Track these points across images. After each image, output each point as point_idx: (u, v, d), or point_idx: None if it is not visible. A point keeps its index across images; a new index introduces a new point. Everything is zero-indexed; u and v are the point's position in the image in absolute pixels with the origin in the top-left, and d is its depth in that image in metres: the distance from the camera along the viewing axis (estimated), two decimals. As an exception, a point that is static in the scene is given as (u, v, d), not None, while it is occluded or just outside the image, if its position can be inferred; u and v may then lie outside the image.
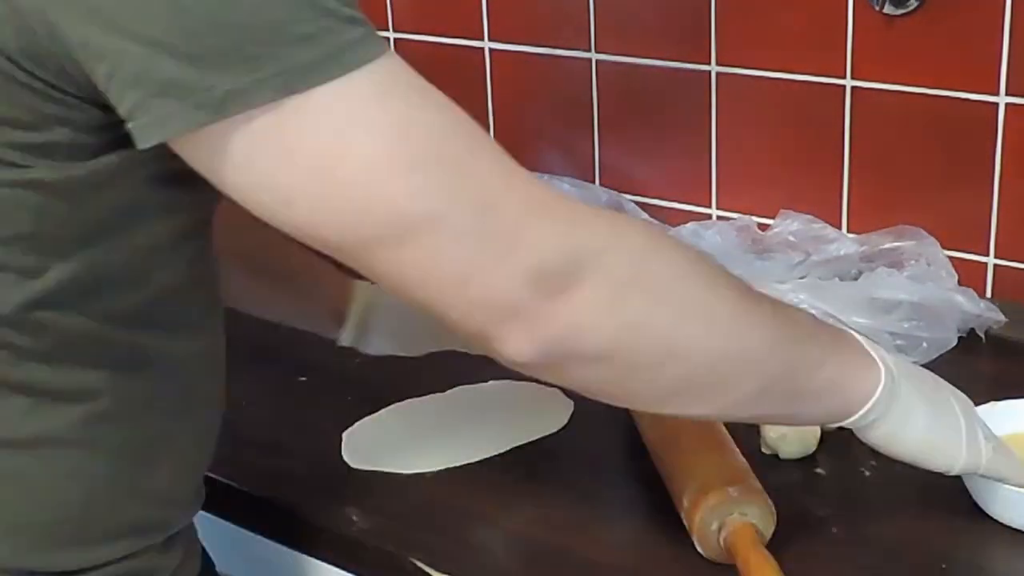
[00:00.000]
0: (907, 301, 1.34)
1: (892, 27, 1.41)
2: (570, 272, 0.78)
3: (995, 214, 1.41)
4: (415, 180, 0.74)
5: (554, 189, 0.81)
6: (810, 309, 1.34)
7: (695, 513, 1.01)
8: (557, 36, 1.67)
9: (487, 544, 1.08)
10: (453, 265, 0.76)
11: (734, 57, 1.53)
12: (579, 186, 1.68)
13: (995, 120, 1.37)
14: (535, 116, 1.74)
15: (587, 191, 1.68)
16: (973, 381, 1.30)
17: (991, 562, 1.04)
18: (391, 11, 1.82)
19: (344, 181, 0.73)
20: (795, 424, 1.06)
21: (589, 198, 1.63)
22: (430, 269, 0.77)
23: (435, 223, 0.75)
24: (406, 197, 0.74)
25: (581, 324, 0.79)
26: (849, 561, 1.02)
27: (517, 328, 0.78)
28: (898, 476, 1.13)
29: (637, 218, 0.81)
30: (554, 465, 1.18)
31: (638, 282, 0.81)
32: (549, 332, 0.79)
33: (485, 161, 0.78)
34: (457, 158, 0.76)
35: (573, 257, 0.78)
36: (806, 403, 0.92)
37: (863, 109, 1.46)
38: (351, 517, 1.11)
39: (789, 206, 1.54)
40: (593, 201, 1.62)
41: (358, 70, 0.73)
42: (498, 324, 0.78)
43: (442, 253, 0.76)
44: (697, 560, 1.03)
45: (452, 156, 0.76)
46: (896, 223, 1.47)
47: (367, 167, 0.73)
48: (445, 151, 0.76)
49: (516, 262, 0.77)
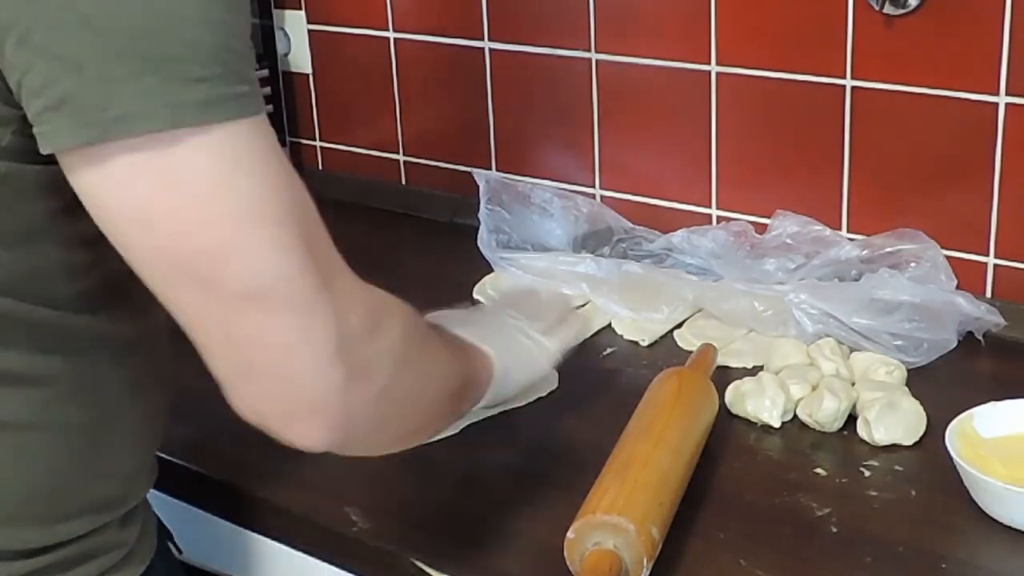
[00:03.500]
0: (908, 302, 1.34)
1: (892, 27, 1.41)
2: (369, 363, 0.82)
3: (995, 214, 1.41)
4: (276, 236, 0.76)
5: (365, 285, 0.85)
6: (810, 310, 1.35)
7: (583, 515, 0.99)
8: (557, 36, 1.67)
9: (487, 544, 1.08)
10: (282, 333, 0.78)
11: (734, 57, 1.53)
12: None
13: (995, 120, 1.37)
14: (535, 116, 1.74)
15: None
16: (973, 381, 1.31)
17: (991, 562, 1.04)
18: (391, 11, 1.82)
19: (208, 220, 0.75)
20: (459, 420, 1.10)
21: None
22: (259, 329, 0.77)
23: (280, 285, 0.77)
24: (261, 251, 0.76)
25: (375, 409, 0.83)
26: (849, 561, 1.02)
27: (319, 414, 0.80)
28: (898, 476, 1.14)
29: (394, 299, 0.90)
30: (554, 465, 1.18)
31: (408, 353, 0.88)
32: (346, 420, 0.81)
33: (326, 241, 0.81)
34: (312, 231, 0.79)
35: (373, 350, 0.82)
36: (465, 404, 1.04)
37: (863, 109, 1.46)
38: (351, 517, 1.12)
39: (789, 206, 1.54)
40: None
41: (244, 120, 0.76)
42: (302, 406, 0.80)
43: (276, 317, 0.77)
44: (697, 560, 1.03)
45: (308, 227, 0.79)
46: (896, 223, 1.47)
47: (235, 212, 0.75)
48: (304, 219, 0.79)
49: (336, 346, 0.79)
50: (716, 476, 1.15)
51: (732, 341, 1.38)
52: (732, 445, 1.20)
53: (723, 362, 1.34)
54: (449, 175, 1.84)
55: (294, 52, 1.95)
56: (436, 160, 1.86)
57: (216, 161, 0.75)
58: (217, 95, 0.75)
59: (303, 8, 1.92)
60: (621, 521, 0.97)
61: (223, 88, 0.75)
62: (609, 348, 1.41)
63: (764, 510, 1.10)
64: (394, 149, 1.90)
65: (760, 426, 1.22)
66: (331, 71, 1.94)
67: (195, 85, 0.74)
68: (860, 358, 1.29)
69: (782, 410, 1.21)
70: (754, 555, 1.03)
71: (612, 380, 1.35)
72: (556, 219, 1.64)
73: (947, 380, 1.29)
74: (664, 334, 1.42)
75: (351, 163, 1.95)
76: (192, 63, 0.74)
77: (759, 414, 1.22)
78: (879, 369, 1.26)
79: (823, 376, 1.25)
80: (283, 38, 1.94)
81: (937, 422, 1.16)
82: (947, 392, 1.25)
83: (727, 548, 1.05)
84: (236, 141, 0.76)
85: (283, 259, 0.77)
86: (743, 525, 1.08)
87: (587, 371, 1.37)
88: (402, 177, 1.90)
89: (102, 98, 0.73)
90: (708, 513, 1.10)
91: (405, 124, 1.88)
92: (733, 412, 1.24)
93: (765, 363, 1.32)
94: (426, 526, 1.10)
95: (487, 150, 1.79)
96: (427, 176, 1.87)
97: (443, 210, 1.79)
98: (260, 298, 0.77)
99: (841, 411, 1.20)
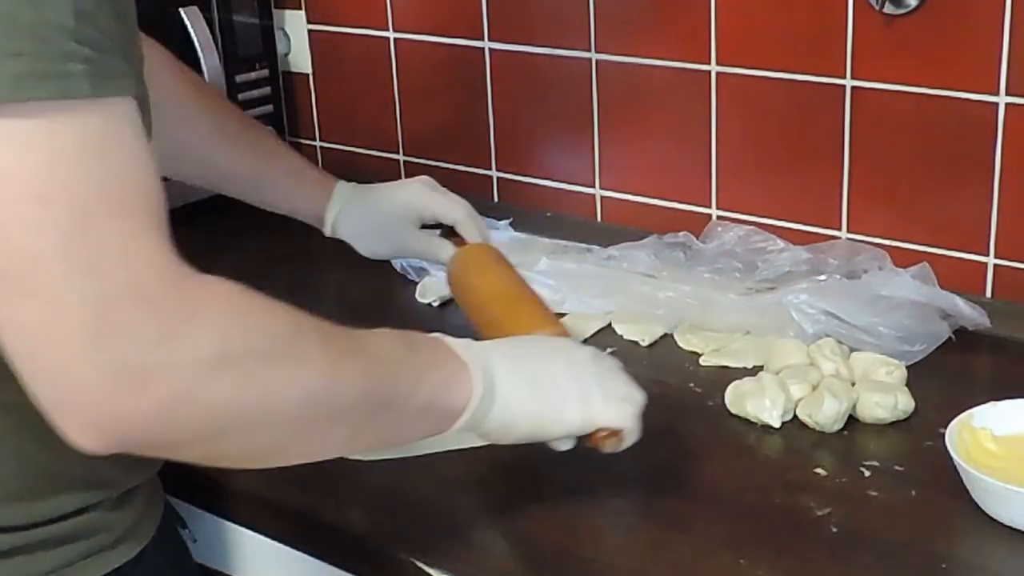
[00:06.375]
0: (907, 300, 1.34)
1: (892, 27, 1.41)
2: (150, 369, 0.75)
3: (995, 214, 1.41)
4: (39, 213, 0.73)
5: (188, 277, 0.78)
6: (808, 309, 1.35)
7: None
8: (557, 36, 1.67)
9: (487, 544, 1.08)
10: (27, 316, 0.74)
11: (734, 57, 1.53)
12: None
13: (995, 120, 1.37)
14: (535, 116, 1.74)
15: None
16: (974, 382, 1.31)
17: (991, 562, 1.03)
18: (391, 11, 1.82)
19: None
20: (396, 444, 1.04)
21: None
22: (10, 309, 0.74)
23: (30, 267, 0.73)
24: (20, 225, 0.73)
25: (157, 420, 0.77)
26: (849, 561, 1.02)
27: (87, 416, 0.76)
28: (898, 476, 1.13)
29: (230, 284, 0.82)
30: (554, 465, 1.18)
31: (223, 364, 0.79)
32: (116, 424, 0.76)
33: (119, 228, 0.75)
34: (92, 214, 0.74)
35: (159, 355, 0.76)
36: (403, 429, 0.96)
37: (863, 109, 1.46)
38: (351, 517, 1.12)
39: (789, 206, 1.54)
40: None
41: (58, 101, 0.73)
42: (64, 402, 0.76)
43: (24, 298, 0.74)
44: (697, 560, 1.03)
45: (90, 210, 0.74)
46: (895, 223, 1.47)
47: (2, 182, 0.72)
48: (87, 203, 0.74)
49: (93, 341, 0.74)
50: (716, 476, 1.15)
51: (732, 341, 1.38)
52: (732, 445, 1.20)
53: (723, 362, 1.34)
54: (449, 175, 1.84)
55: (294, 52, 1.95)
56: (436, 160, 1.86)
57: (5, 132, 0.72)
58: (35, 71, 0.72)
59: (303, 8, 1.92)
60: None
61: (42, 64, 0.73)
62: (609, 348, 1.40)
63: (764, 510, 1.10)
64: (394, 149, 1.90)
65: (760, 426, 1.22)
66: (331, 71, 1.94)
67: (7, 60, 0.72)
68: (860, 358, 1.29)
69: (782, 410, 1.21)
70: (754, 555, 1.03)
71: (612, 380, 1.35)
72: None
73: (946, 379, 1.29)
74: (664, 334, 1.42)
75: (351, 163, 1.95)
76: (7, 38, 0.72)
77: (759, 414, 1.22)
78: (879, 369, 1.26)
79: (823, 376, 1.25)
80: (283, 38, 1.94)
81: (937, 422, 1.16)
82: (947, 392, 1.25)
83: (727, 548, 1.04)
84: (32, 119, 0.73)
85: (36, 239, 0.73)
86: (743, 525, 1.08)
87: (587, 371, 1.37)
88: (402, 177, 1.90)
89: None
90: (708, 513, 1.09)
91: (405, 124, 1.88)
92: (733, 412, 1.24)
93: (765, 363, 1.32)
94: (426, 526, 1.10)
95: (487, 150, 1.79)
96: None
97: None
98: (10, 278, 0.73)
99: (841, 413, 1.20)
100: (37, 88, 0.73)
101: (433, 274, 1.56)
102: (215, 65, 1.74)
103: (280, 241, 1.73)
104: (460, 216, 1.42)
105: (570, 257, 1.56)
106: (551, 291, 1.49)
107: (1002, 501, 1.04)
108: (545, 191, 1.75)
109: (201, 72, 1.72)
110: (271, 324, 0.84)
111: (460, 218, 1.42)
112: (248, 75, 1.84)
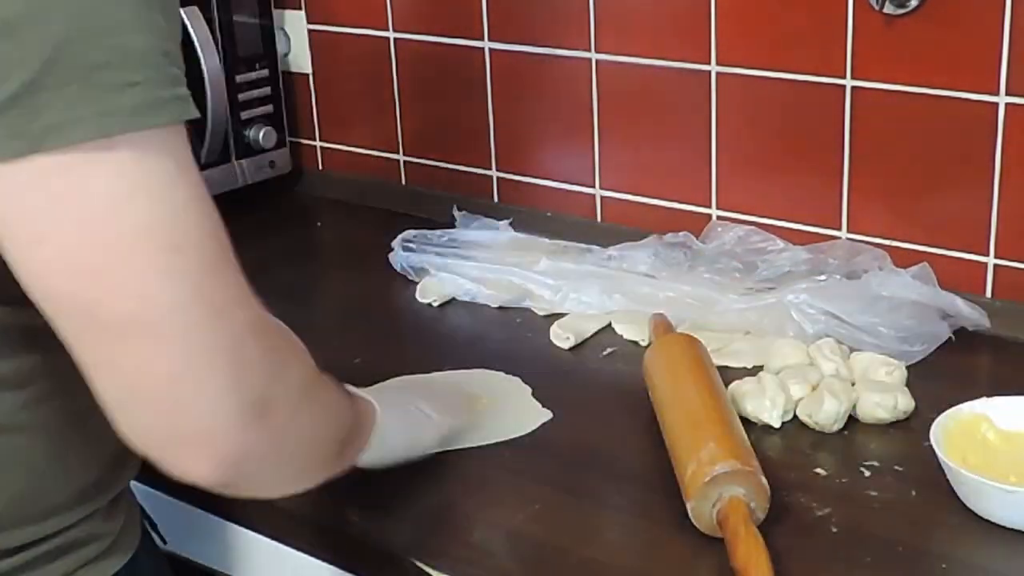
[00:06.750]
0: (907, 300, 1.34)
1: (892, 27, 1.41)
2: (268, 399, 0.80)
3: (995, 214, 1.41)
4: (169, 263, 0.74)
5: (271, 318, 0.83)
6: (808, 309, 1.35)
7: (695, 483, 1.03)
8: (557, 36, 1.67)
9: (487, 544, 1.08)
10: (167, 362, 0.75)
11: (734, 57, 1.53)
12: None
13: (995, 120, 1.37)
14: (535, 116, 1.74)
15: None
16: (972, 381, 1.31)
17: (991, 562, 1.03)
18: (391, 11, 1.82)
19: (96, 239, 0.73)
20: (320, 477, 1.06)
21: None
22: (142, 356, 0.75)
23: (166, 314, 0.74)
24: (148, 277, 0.74)
25: (270, 446, 0.82)
26: (849, 561, 1.02)
27: (213, 447, 0.78)
28: (898, 476, 1.13)
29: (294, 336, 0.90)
30: (554, 465, 1.18)
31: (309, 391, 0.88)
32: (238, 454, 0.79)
33: (232, 271, 0.79)
34: (213, 256, 0.77)
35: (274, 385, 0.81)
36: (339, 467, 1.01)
37: (863, 109, 1.46)
38: (351, 517, 1.12)
39: (789, 206, 1.54)
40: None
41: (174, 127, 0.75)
42: (189, 436, 0.78)
43: (162, 345, 0.75)
44: (697, 559, 1.03)
45: (209, 253, 0.77)
46: (895, 223, 1.47)
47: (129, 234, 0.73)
48: (205, 244, 0.76)
49: (230, 378, 0.77)
50: (716, 476, 1.15)
51: (732, 341, 1.38)
52: (732, 445, 1.20)
53: (723, 362, 1.34)
54: (449, 175, 1.84)
55: (294, 52, 1.95)
56: (436, 160, 1.86)
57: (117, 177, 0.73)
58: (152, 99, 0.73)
59: (303, 8, 1.92)
60: (727, 467, 1.03)
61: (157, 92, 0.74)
62: (609, 348, 1.41)
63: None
64: (394, 149, 1.90)
65: (760, 426, 1.22)
66: (331, 71, 1.94)
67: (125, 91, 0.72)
68: (860, 358, 1.29)
69: (782, 410, 1.21)
70: (754, 555, 1.03)
71: (612, 380, 1.35)
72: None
73: (945, 378, 1.29)
74: (664, 334, 1.42)
75: (351, 163, 1.95)
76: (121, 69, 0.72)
77: (759, 414, 1.22)
78: (879, 369, 1.26)
79: (823, 376, 1.25)
80: (283, 38, 1.94)
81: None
82: (947, 393, 1.25)
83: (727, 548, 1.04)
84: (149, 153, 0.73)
85: (173, 287, 0.74)
86: (743, 525, 1.08)
87: (587, 371, 1.37)
88: (402, 177, 1.90)
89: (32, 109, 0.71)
90: (708, 513, 1.09)
91: (405, 124, 1.88)
92: (733, 412, 1.24)
93: (765, 363, 1.32)
94: (426, 526, 1.10)
95: (487, 150, 1.79)
96: (427, 176, 1.87)
97: (443, 210, 1.79)
98: (145, 325, 0.74)
99: (841, 413, 1.20)
100: (156, 116, 0.73)
101: (433, 274, 1.56)
102: (215, 65, 1.74)
103: (280, 241, 1.74)
104: None
105: (570, 257, 1.56)
106: (551, 291, 1.49)
107: (980, 496, 1.04)
108: (545, 191, 1.75)
109: (201, 72, 1.71)
110: (310, 357, 0.91)
111: None
112: (248, 75, 1.84)
